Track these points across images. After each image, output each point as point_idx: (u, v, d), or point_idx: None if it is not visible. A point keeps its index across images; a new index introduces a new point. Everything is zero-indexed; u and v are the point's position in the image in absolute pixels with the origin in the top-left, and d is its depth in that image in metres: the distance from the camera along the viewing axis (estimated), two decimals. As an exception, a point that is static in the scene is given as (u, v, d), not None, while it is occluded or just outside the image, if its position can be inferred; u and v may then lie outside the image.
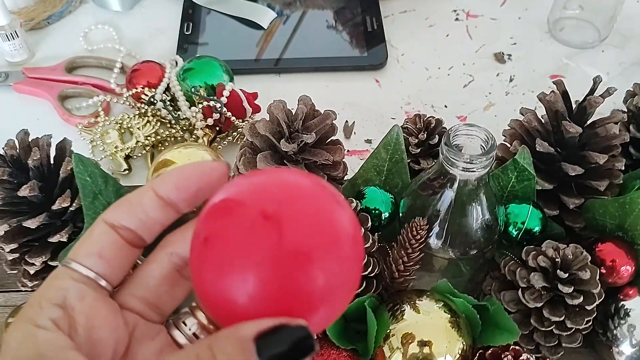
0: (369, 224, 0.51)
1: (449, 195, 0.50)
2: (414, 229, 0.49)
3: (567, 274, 0.49)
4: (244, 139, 0.58)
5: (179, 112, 0.72)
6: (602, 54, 0.88)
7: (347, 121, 0.79)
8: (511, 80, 0.85)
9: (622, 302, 0.54)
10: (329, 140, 0.57)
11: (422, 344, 0.51)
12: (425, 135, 0.59)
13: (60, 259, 0.51)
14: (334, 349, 0.52)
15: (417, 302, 0.53)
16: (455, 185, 0.50)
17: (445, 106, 0.82)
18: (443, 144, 0.47)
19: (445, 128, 0.61)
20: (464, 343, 0.51)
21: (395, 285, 0.54)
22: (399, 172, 0.59)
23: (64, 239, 0.52)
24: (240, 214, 0.23)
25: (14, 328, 0.24)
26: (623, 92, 0.70)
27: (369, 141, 0.77)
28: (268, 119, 0.56)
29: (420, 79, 0.85)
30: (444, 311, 0.53)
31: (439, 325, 0.52)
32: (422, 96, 0.82)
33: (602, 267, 0.53)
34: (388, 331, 0.52)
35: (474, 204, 0.50)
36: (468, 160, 0.46)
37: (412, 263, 0.51)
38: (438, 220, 0.52)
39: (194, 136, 0.71)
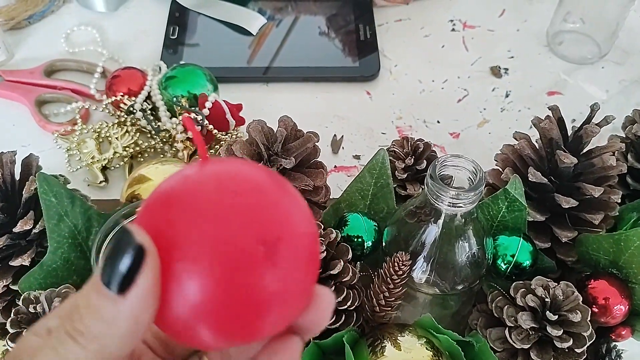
0: (349, 255, 0.49)
1: (434, 229, 0.48)
2: (396, 263, 0.46)
3: (556, 316, 0.46)
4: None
5: (159, 123, 0.69)
6: (602, 70, 0.85)
7: (335, 135, 0.76)
8: (507, 95, 0.82)
9: (614, 343, 0.51)
10: (311, 162, 0.54)
11: (402, 383, 0.48)
12: (412, 159, 0.56)
13: (21, 284, 0.49)
14: (309, 386, 0.50)
15: (398, 337, 0.50)
16: (441, 219, 0.47)
17: (438, 122, 0.79)
18: (428, 176, 0.45)
19: (434, 152, 0.59)
20: (447, 385, 0.49)
21: (376, 319, 0.52)
22: (385, 197, 0.56)
23: (26, 263, 0.49)
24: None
25: None
26: (622, 111, 0.67)
27: (357, 157, 0.74)
28: (246, 139, 0.53)
29: (413, 92, 0.82)
30: (426, 348, 0.50)
31: (421, 364, 0.49)
32: (414, 110, 0.80)
33: (594, 306, 0.50)
34: (366, 368, 0.49)
35: (461, 239, 0.48)
36: (455, 195, 0.44)
37: (393, 298, 0.49)
38: (423, 254, 0.49)
39: (174, 148, 0.68)
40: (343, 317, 0.50)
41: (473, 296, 0.54)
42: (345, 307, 0.49)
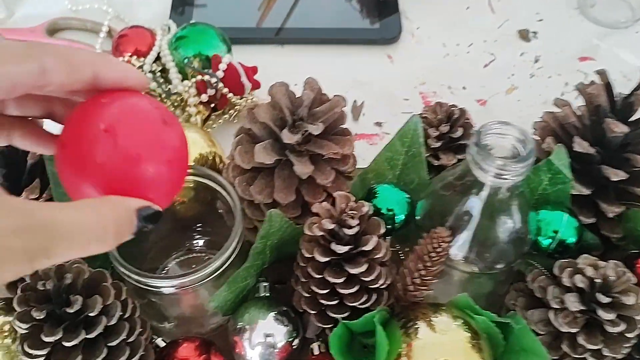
0: (382, 229, 0.45)
1: (476, 202, 0.44)
2: (435, 240, 0.43)
3: (609, 298, 0.42)
4: (241, 126, 0.51)
5: (169, 86, 0.65)
6: (637, 35, 0.80)
7: (355, 101, 0.72)
8: (536, 61, 0.77)
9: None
10: (337, 129, 0.49)
11: (438, 366, 0.45)
12: (447, 127, 0.52)
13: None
14: (338, 368, 0.46)
15: (432, 318, 0.47)
16: (484, 192, 0.43)
17: (464, 88, 0.74)
18: (472, 144, 0.41)
19: (468, 119, 0.54)
20: (486, 368, 0.45)
21: (407, 297, 0.48)
22: (416, 168, 0.52)
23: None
24: (89, 126, 0.29)
25: None
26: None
27: (379, 124, 0.70)
28: (269, 102, 0.48)
29: (436, 56, 0.78)
30: (463, 330, 0.47)
31: (458, 347, 0.45)
32: (438, 76, 0.75)
33: (643, 286, 0.47)
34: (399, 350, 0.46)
35: (504, 214, 0.44)
36: (501, 166, 0.40)
37: (430, 277, 0.45)
38: (461, 230, 0.45)
39: (185, 113, 0.64)
40: (374, 296, 0.46)
41: (511, 275, 0.50)
42: (377, 285, 0.45)
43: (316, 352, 0.50)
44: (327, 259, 0.44)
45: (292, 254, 0.52)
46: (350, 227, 0.43)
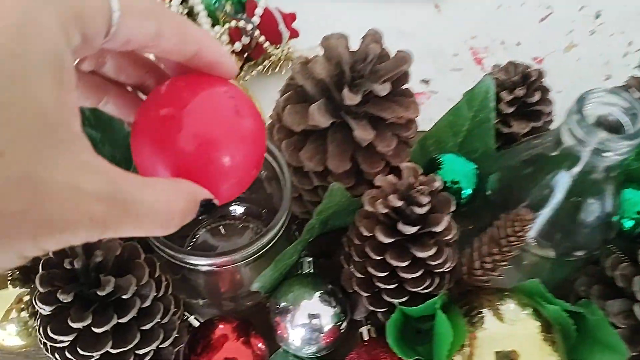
0: (452, 207, 0.39)
1: (564, 179, 0.38)
2: (516, 223, 0.37)
3: None
4: (289, 80, 0.44)
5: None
6: None
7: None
8: (597, 16, 0.70)
9: None
10: (399, 90, 0.43)
11: (507, 359, 0.40)
12: (523, 90, 0.45)
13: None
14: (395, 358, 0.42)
15: (499, 306, 0.42)
16: (577, 169, 0.37)
17: (518, 44, 0.67)
18: (574, 113, 0.35)
19: (542, 84, 0.48)
20: (559, 362, 0.41)
21: (471, 281, 0.43)
22: (482, 135, 0.46)
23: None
24: (169, 108, 0.28)
25: None
26: None
27: (425, 82, 0.64)
28: (324, 55, 0.42)
29: (488, 7, 0.70)
30: (534, 319, 0.42)
31: (529, 339, 0.41)
32: (490, 29, 0.68)
33: None
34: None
35: (595, 197, 0.38)
36: (605, 141, 0.34)
37: (503, 262, 0.40)
38: (542, 210, 0.39)
39: (216, 64, 0.57)
40: (437, 280, 0.41)
41: (589, 262, 0.45)
42: (443, 269, 0.40)
43: (366, 336, 0.45)
44: (391, 240, 0.38)
45: (340, 226, 0.46)
46: (420, 205, 0.37)
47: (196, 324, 0.44)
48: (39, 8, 0.21)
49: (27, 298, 0.43)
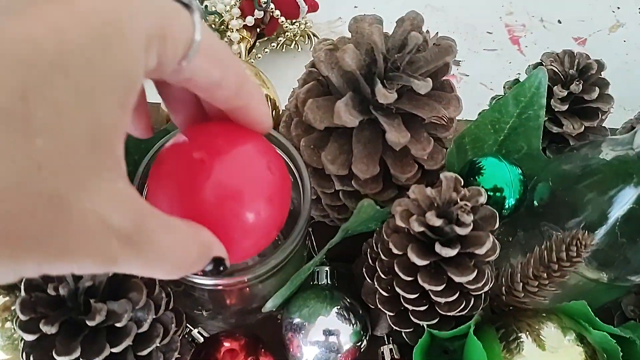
0: (496, 224, 0.34)
1: (629, 196, 0.33)
2: (573, 247, 0.32)
3: None
4: (310, 68, 0.39)
5: (206, 2, 0.52)
6: None
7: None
8: (647, -8, 0.63)
9: None
10: (439, 83, 0.38)
11: (546, 391, 0.36)
12: (580, 85, 0.40)
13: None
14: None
15: (540, 331, 0.37)
16: (647, 186, 0.32)
17: (559, 22, 0.61)
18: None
19: (602, 77, 0.42)
20: (605, 395, 0.37)
21: (508, 300, 0.38)
22: (527, 134, 0.41)
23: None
24: (194, 155, 0.26)
25: None
26: None
27: (456, 63, 0.58)
28: (352, 41, 0.36)
29: (526, -21, 0.63)
30: (578, 345, 0.37)
31: (573, 370, 0.36)
32: (528, 4, 0.61)
33: None
34: (498, 369, 0.37)
35: (666, 216, 0.33)
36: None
37: (551, 285, 0.35)
38: (601, 229, 0.34)
39: (227, 39, 0.51)
40: (472, 301, 0.36)
41: None
42: (482, 291, 0.35)
43: (387, 358, 0.41)
44: (426, 262, 0.33)
45: (363, 232, 0.41)
46: (462, 225, 0.32)
47: (200, 339, 0.40)
48: (129, 18, 0.19)
49: (14, 307, 0.38)
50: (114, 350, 0.31)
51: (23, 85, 0.17)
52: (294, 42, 0.53)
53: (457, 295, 0.35)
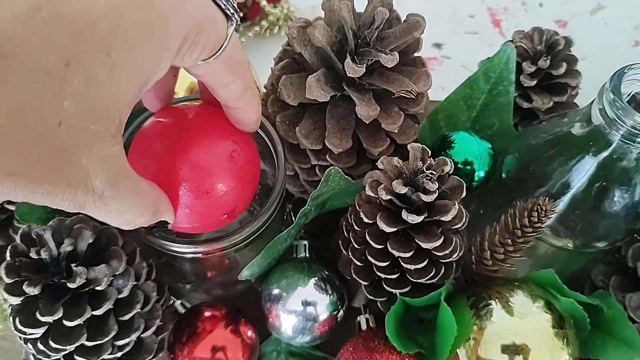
0: (463, 193, 0.35)
1: (588, 166, 0.34)
2: (533, 212, 0.33)
3: None
4: (285, 47, 0.40)
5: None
6: None
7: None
8: (627, -25, 0.64)
9: None
10: (409, 58, 0.39)
11: (514, 354, 0.37)
12: (547, 61, 0.41)
13: (19, 208, 0.36)
14: (394, 353, 0.39)
15: (509, 298, 0.39)
16: (605, 154, 0.33)
17: (540, 5, 0.62)
18: (609, 90, 0.30)
19: (571, 53, 0.43)
20: (571, 358, 0.38)
21: (480, 270, 0.40)
22: (499, 110, 0.42)
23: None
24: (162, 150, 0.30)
25: None
26: None
27: (437, 46, 0.59)
28: (325, 19, 0.37)
29: (509, -37, 0.65)
30: (545, 312, 0.38)
31: (540, 335, 0.37)
32: (509, -12, 0.63)
33: None
34: (468, 335, 0.38)
35: (622, 187, 0.34)
36: (641, 125, 0.30)
37: (516, 252, 0.36)
38: (564, 197, 0.36)
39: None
40: (443, 270, 0.38)
41: (610, 253, 0.41)
42: (450, 259, 0.37)
43: (364, 326, 0.42)
44: (394, 229, 0.35)
45: (340, 207, 0.43)
46: (427, 193, 0.34)
47: (182, 310, 0.41)
48: (174, 14, 0.22)
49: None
50: (96, 312, 0.32)
51: (70, 53, 0.19)
52: (277, 26, 0.55)
53: (426, 262, 0.36)
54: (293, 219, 0.46)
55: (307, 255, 0.43)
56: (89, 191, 0.22)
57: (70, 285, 0.31)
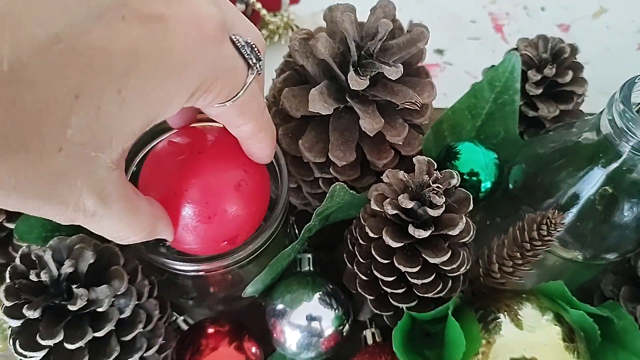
0: (470, 206, 0.35)
1: (597, 177, 0.33)
2: (544, 225, 0.33)
3: None
4: (286, 58, 0.39)
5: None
6: None
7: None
8: (629, -23, 0.64)
9: None
10: (413, 69, 0.38)
11: (524, 371, 0.37)
12: (553, 69, 0.40)
13: (18, 228, 0.35)
14: (400, 367, 0.38)
15: (518, 311, 0.38)
16: (615, 165, 0.32)
17: (542, 9, 0.61)
18: (619, 100, 0.30)
19: (576, 60, 0.42)
20: (582, 373, 0.37)
21: (487, 283, 0.39)
22: (504, 119, 0.41)
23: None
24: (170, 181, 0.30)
25: None
26: None
27: (439, 52, 0.58)
28: (327, 30, 0.37)
29: (510, -33, 0.64)
30: (555, 325, 0.38)
31: (551, 348, 0.37)
32: (511, -8, 0.62)
33: None
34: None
35: (633, 198, 0.34)
36: (653, 136, 0.29)
37: (525, 266, 0.36)
38: (573, 209, 0.35)
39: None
40: (450, 283, 0.37)
41: (619, 264, 0.41)
42: (457, 273, 0.36)
43: (370, 340, 0.41)
44: (400, 244, 0.34)
45: (343, 221, 0.42)
46: (434, 207, 0.33)
47: (185, 326, 0.40)
48: (190, 64, 0.22)
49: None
50: (97, 334, 0.32)
51: (81, 87, 0.20)
52: (277, 34, 0.54)
53: (433, 276, 0.36)
54: (296, 231, 0.45)
55: (311, 268, 0.42)
56: (80, 210, 0.22)
57: (71, 308, 0.30)
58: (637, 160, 0.31)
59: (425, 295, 0.37)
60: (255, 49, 0.26)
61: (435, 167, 0.35)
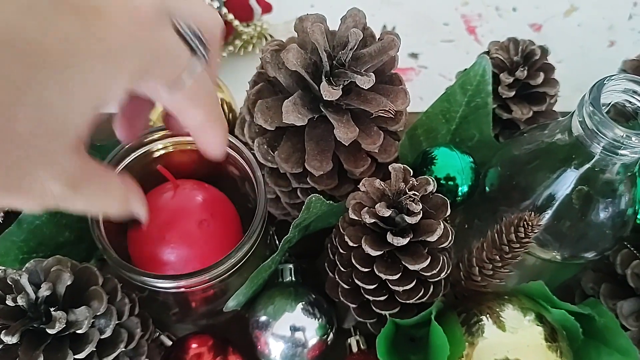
0: (447, 211, 0.35)
1: (571, 179, 0.34)
2: (521, 227, 0.33)
3: None
4: (259, 70, 0.39)
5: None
6: None
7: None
8: (599, -25, 0.65)
9: None
10: (386, 76, 0.38)
11: (508, 372, 0.37)
12: (525, 71, 0.41)
13: None
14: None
15: (500, 313, 0.38)
16: (587, 166, 0.33)
17: (514, 9, 0.62)
18: (588, 102, 0.30)
19: (548, 62, 0.43)
20: (565, 372, 0.38)
21: (469, 286, 0.39)
22: (478, 122, 0.42)
23: (-3, 220, 0.35)
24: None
25: None
26: None
27: (413, 55, 0.59)
28: (298, 40, 0.37)
29: (480, -31, 0.64)
30: (537, 325, 0.38)
31: (533, 349, 0.37)
32: (483, -6, 0.63)
33: None
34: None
35: (606, 198, 0.34)
36: (622, 138, 0.29)
37: (505, 267, 0.36)
38: (549, 210, 0.35)
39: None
40: (431, 289, 0.37)
41: (599, 262, 0.41)
42: (438, 278, 0.36)
43: (355, 348, 0.41)
44: (380, 252, 0.34)
45: (324, 229, 0.42)
46: (411, 214, 0.33)
47: (169, 342, 0.40)
48: (128, 43, 0.23)
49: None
50: (78, 356, 0.31)
51: (22, 81, 0.20)
52: (251, 44, 0.54)
53: (414, 283, 0.36)
54: (277, 242, 0.45)
55: (293, 278, 0.42)
56: (47, 196, 0.23)
57: (50, 331, 0.30)
58: (609, 160, 0.31)
59: (408, 302, 0.37)
60: (199, 35, 0.26)
61: (412, 174, 0.35)
